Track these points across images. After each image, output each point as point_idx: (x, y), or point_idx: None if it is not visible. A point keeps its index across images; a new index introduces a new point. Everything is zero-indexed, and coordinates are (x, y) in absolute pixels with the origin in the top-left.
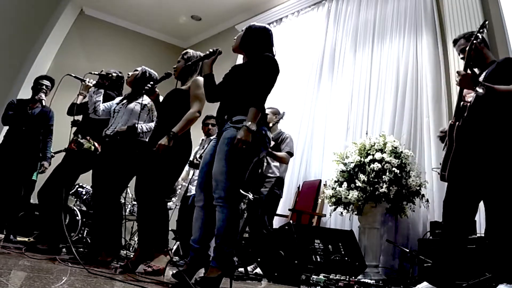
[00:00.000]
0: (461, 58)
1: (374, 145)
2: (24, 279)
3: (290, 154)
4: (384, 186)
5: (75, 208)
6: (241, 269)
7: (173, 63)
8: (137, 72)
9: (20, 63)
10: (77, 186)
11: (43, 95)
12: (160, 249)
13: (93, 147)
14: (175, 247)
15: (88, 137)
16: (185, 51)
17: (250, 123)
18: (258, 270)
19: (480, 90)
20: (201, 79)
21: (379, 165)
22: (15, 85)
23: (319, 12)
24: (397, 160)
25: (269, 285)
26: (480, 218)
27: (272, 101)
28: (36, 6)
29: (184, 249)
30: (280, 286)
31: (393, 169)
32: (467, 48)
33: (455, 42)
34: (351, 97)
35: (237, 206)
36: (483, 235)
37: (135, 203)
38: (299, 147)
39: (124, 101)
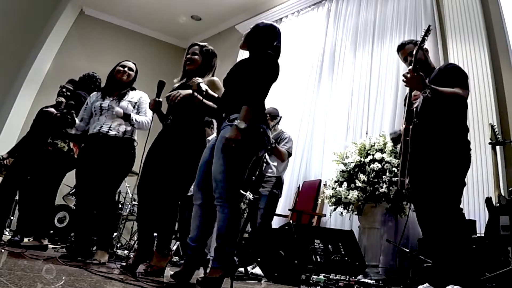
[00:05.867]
0: (405, 62)
1: (374, 145)
2: (24, 279)
3: (289, 153)
4: (384, 186)
5: (75, 208)
6: (241, 269)
7: (173, 63)
8: (132, 73)
9: (20, 63)
10: None
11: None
12: (161, 249)
13: (66, 147)
14: (175, 247)
15: (67, 140)
16: (203, 44)
17: (239, 121)
18: (255, 271)
19: (427, 92)
20: (217, 79)
21: (379, 165)
22: (15, 85)
23: (319, 12)
24: (397, 160)
25: (269, 285)
26: (480, 218)
27: (272, 102)
28: (36, 6)
29: (184, 249)
30: (280, 286)
31: (393, 169)
32: (413, 52)
33: (401, 46)
34: (351, 97)
35: (237, 206)
36: (483, 235)
37: (135, 203)
38: (299, 147)
39: (111, 98)
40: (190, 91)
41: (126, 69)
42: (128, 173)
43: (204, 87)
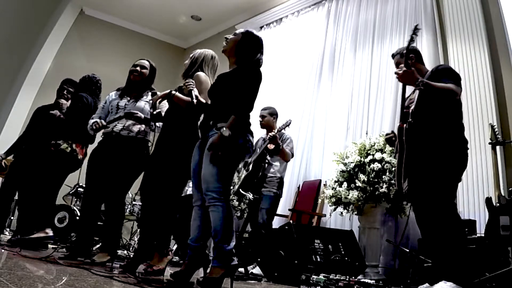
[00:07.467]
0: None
1: (374, 145)
2: (24, 279)
3: (292, 154)
4: (384, 186)
5: (75, 208)
6: (241, 269)
7: (173, 63)
8: (146, 71)
9: (20, 63)
10: (77, 186)
11: (63, 100)
12: (161, 249)
13: (69, 148)
14: (175, 247)
15: (70, 141)
16: (193, 51)
17: (225, 129)
18: (255, 271)
19: (419, 84)
20: (202, 74)
21: (379, 165)
22: (15, 85)
23: (319, 12)
24: (396, 160)
25: (269, 285)
26: (480, 218)
27: (272, 102)
28: (36, 6)
29: (182, 249)
30: (280, 286)
31: (393, 169)
32: (404, 52)
33: (392, 57)
34: (351, 97)
35: (229, 204)
36: (483, 235)
37: (135, 203)
38: (299, 147)
39: (128, 97)
40: (167, 91)
41: (138, 68)
42: (140, 174)
43: (194, 94)
